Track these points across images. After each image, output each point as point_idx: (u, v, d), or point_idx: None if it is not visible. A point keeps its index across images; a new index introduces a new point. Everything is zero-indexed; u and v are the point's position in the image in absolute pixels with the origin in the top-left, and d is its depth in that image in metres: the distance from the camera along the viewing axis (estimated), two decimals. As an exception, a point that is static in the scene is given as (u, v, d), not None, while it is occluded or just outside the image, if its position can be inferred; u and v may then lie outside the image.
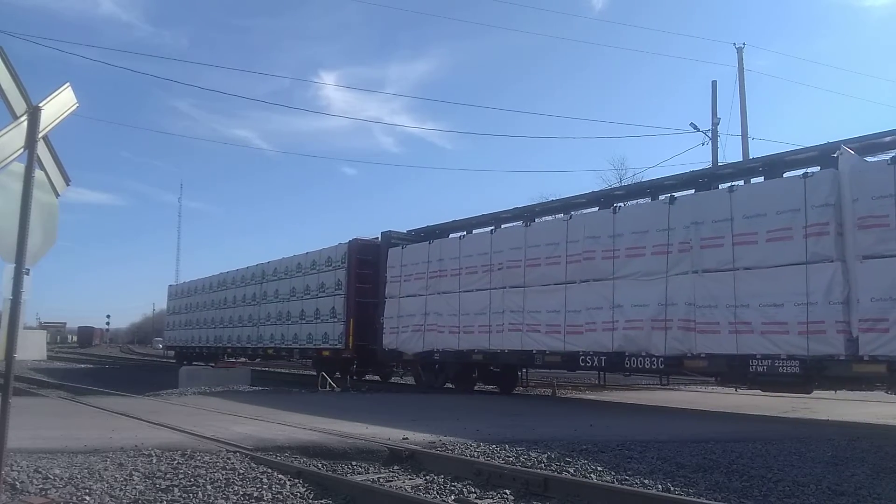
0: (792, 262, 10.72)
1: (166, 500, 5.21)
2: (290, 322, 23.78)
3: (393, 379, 23.64)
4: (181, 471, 6.15)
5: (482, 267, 16.21)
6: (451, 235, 18.71)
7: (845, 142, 10.79)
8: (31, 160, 4.64)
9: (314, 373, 21.32)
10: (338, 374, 20.53)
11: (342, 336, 20.44)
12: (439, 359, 17.66)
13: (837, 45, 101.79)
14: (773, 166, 12.43)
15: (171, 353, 38.74)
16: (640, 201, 14.74)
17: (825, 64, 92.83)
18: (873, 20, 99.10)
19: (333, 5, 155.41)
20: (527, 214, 16.99)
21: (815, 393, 12.09)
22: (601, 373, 18.21)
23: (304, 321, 22.92)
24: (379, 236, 20.64)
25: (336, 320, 20.92)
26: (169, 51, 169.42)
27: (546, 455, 7.41)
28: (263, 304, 26.17)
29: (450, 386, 18.15)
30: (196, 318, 33.53)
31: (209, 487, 5.59)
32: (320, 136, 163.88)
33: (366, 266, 20.68)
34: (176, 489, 5.50)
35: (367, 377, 23.07)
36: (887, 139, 10.93)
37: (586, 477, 6.34)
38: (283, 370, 30.54)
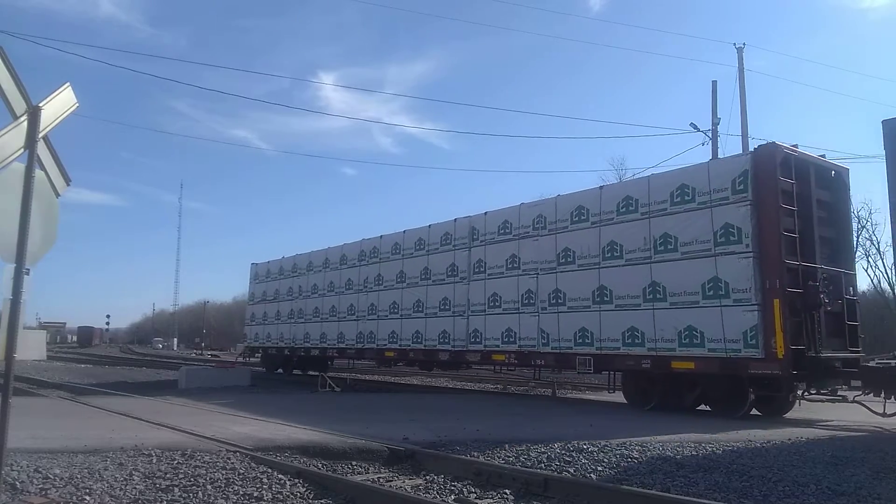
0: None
1: (166, 500, 5.21)
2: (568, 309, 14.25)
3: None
4: (181, 471, 6.15)
5: None
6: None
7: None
8: (31, 160, 4.64)
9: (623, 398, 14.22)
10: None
11: (755, 335, 10.95)
12: None
13: (835, 45, 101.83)
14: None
15: (256, 356, 28.11)
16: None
17: (823, 64, 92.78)
18: (870, 21, 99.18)
19: (332, 6, 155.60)
20: None
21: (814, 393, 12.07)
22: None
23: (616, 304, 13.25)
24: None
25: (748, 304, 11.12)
26: (168, 51, 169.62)
27: (546, 455, 7.41)
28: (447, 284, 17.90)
29: None
30: (292, 309, 24.68)
31: (209, 487, 5.59)
32: (319, 136, 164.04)
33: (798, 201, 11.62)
34: (176, 489, 5.50)
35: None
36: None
37: (586, 477, 6.35)
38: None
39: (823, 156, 12.98)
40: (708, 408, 12.48)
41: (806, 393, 11.43)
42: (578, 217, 14.39)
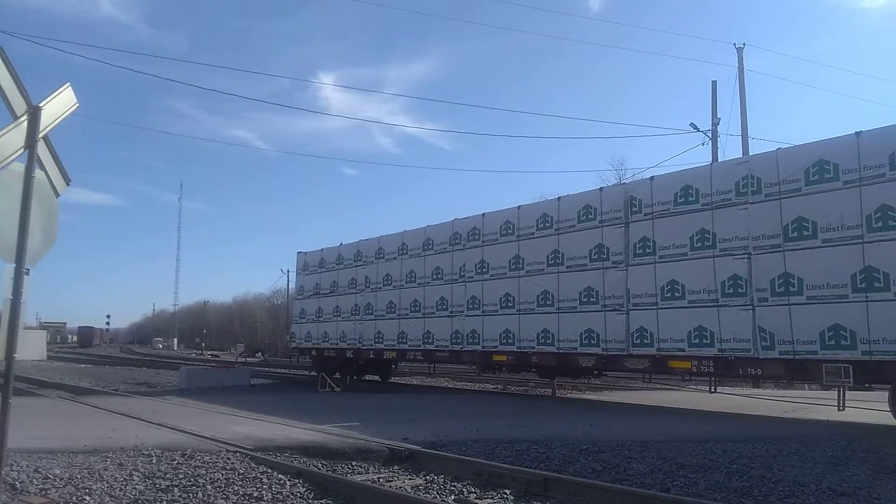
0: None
1: (166, 500, 5.21)
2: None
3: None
4: (181, 471, 6.15)
5: None
6: None
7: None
8: (31, 160, 4.64)
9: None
10: None
11: None
12: None
13: (838, 45, 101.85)
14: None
15: (302, 358, 25.21)
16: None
17: (826, 64, 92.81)
18: (870, 20, 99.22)
19: (332, 7, 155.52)
20: None
21: (816, 393, 12.10)
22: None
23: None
24: None
25: None
26: (168, 52, 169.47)
27: (546, 455, 7.41)
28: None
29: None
30: (356, 304, 20.87)
31: (209, 487, 5.58)
32: (320, 136, 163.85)
33: None
34: (176, 489, 5.50)
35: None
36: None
37: (586, 477, 6.34)
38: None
39: None
40: None
41: None
42: (824, 175, 10.52)
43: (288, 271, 70.61)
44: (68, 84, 5.00)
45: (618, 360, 13.32)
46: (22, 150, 4.59)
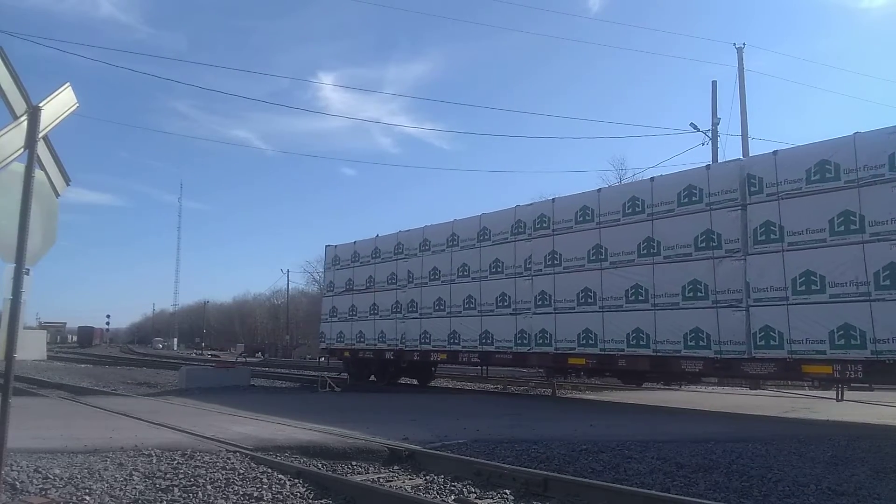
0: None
1: (166, 500, 5.21)
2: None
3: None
4: (181, 471, 6.15)
5: None
6: None
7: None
8: (31, 160, 4.64)
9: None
10: None
11: None
12: None
13: (838, 45, 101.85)
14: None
15: (332, 359, 23.40)
16: None
17: (826, 64, 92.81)
18: (870, 20, 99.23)
19: (332, 7, 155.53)
20: None
21: (815, 393, 12.08)
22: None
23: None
24: None
25: None
26: (168, 52, 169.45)
27: (546, 455, 7.41)
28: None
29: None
30: (397, 301, 19.27)
31: (209, 487, 5.58)
32: (319, 136, 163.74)
33: None
34: (176, 489, 5.50)
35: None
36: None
37: (586, 477, 6.34)
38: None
39: None
40: None
41: None
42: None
43: (288, 271, 70.55)
44: (68, 84, 5.00)
45: (735, 364, 11.58)
46: (22, 150, 4.59)
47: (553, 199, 15.45)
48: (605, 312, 13.60)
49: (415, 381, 21.17)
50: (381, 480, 6.24)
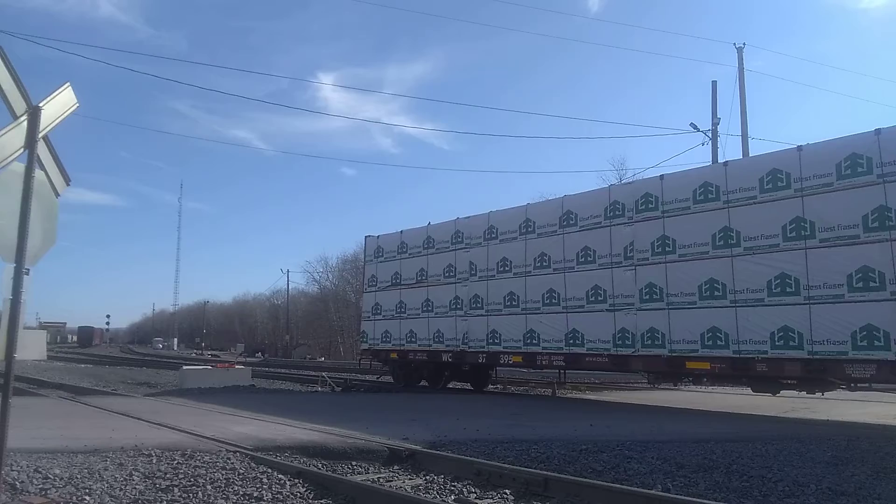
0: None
1: (166, 500, 5.21)
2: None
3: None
4: (181, 471, 6.15)
5: None
6: None
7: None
8: (31, 160, 4.64)
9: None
10: None
11: None
12: None
13: (838, 45, 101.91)
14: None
15: (377, 362, 21.08)
16: None
17: (826, 64, 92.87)
18: (869, 21, 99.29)
19: (331, 7, 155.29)
20: None
21: (815, 393, 12.07)
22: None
23: None
24: None
25: None
26: (168, 52, 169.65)
27: (546, 455, 7.41)
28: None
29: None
30: (457, 296, 17.42)
31: (209, 487, 5.58)
32: (319, 136, 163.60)
33: None
34: (176, 489, 5.50)
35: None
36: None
37: (586, 477, 6.34)
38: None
39: None
40: None
41: None
42: None
43: (288, 271, 70.12)
44: (68, 84, 5.00)
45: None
46: (22, 150, 4.59)
47: (661, 175, 13.64)
48: (738, 307, 11.67)
49: (468, 385, 19.34)
50: (381, 480, 6.24)
